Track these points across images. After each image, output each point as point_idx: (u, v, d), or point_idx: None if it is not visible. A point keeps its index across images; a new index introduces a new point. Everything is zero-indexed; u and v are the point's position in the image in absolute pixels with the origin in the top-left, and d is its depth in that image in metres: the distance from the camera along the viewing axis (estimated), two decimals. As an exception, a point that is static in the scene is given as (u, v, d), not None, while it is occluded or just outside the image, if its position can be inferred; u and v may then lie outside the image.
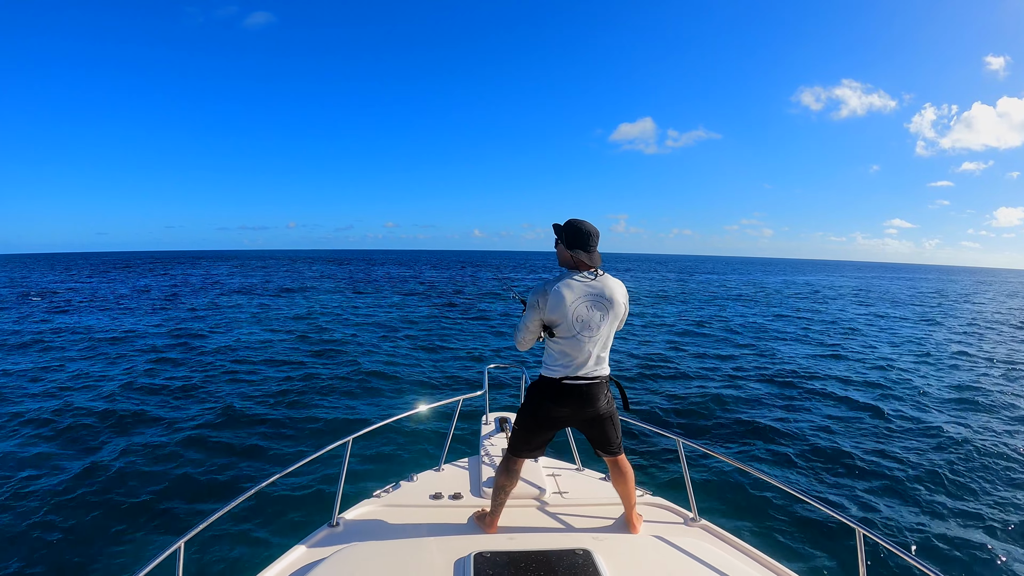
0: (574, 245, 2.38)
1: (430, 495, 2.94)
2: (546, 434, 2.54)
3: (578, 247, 2.37)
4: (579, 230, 2.38)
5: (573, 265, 2.40)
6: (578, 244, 2.38)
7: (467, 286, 36.63)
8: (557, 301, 2.30)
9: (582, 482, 3.19)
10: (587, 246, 2.38)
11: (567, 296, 2.30)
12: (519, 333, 2.48)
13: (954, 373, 13.77)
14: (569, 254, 2.39)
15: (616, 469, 2.61)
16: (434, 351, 14.64)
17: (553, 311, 2.32)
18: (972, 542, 5.51)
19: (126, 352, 13.71)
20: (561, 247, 2.43)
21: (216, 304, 24.87)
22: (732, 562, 2.22)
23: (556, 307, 2.31)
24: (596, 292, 2.34)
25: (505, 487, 2.56)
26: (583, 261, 2.37)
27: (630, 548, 2.32)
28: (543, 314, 2.35)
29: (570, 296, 2.30)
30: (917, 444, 8.41)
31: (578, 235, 2.38)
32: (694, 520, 2.79)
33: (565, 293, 2.31)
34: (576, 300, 2.31)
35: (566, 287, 2.32)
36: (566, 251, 2.40)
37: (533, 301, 2.37)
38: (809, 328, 21.47)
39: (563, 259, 2.44)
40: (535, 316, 2.38)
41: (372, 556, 2.18)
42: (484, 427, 3.87)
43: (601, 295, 2.35)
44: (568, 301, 2.30)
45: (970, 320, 26.73)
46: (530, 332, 2.44)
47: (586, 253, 2.37)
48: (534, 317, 2.39)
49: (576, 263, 2.39)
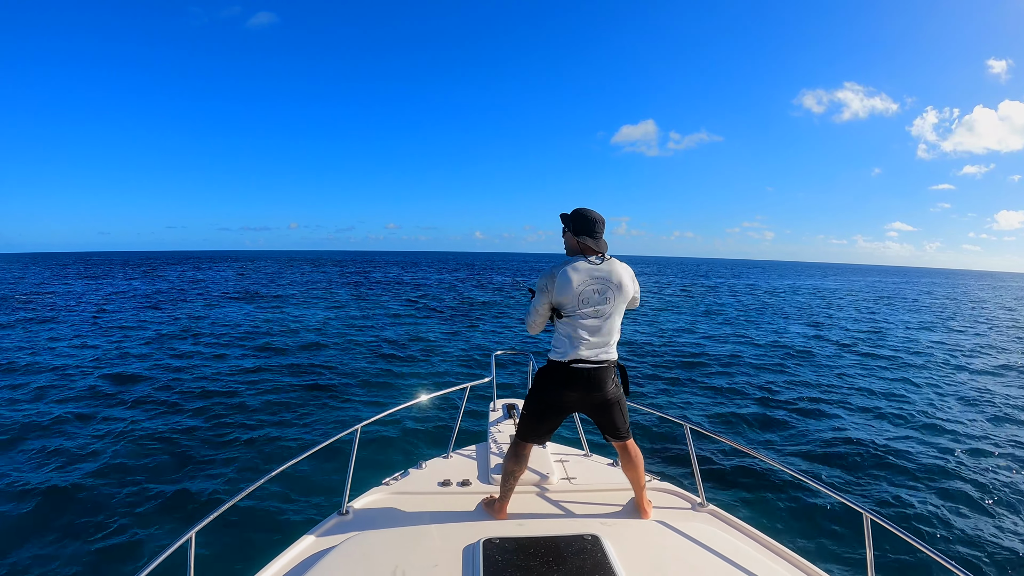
0: (580, 232, 2.42)
1: (439, 482, 2.95)
2: (554, 419, 2.56)
3: (584, 233, 2.41)
4: (585, 217, 2.43)
5: (580, 252, 2.44)
6: (584, 230, 2.41)
7: (470, 288, 36.69)
8: (564, 283, 2.35)
9: (590, 468, 3.20)
10: (593, 232, 2.42)
11: (574, 279, 2.35)
12: (529, 317, 2.53)
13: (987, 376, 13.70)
14: (576, 241, 2.44)
15: (625, 454, 2.63)
16: (442, 340, 14.68)
17: (560, 293, 2.36)
18: (981, 530, 5.51)
19: (134, 343, 13.84)
20: (568, 235, 2.48)
21: (225, 296, 25.02)
22: (740, 547, 2.23)
23: (563, 289, 2.35)
24: (603, 275, 2.38)
25: (514, 472, 2.58)
26: (590, 247, 2.41)
27: (638, 533, 2.33)
28: (551, 296, 2.40)
29: (576, 279, 2.35)
30: (935, 439, 8.39)
31: (584, 222, 2.42)
32: (702, 505, 2.80)
33: (572, 276, 2.35)
34: (582, 283, 2.35)
35: (573, 270, 2.36)
36: (573, 238, 2.45)
37: (542, 284, 2.42)
38: (819, 322, 21.40)
39: (571, 247, 2.48)
40: (544, 299, 2.43)
41: (382, 544, 2.19)
42: (492, 414, 3.88)
43: (608, 279, 2.38)
44: (575, 283, 2.34)
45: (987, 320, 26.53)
46: (540, 315, 2.49)
47: (592, 239, 2.41)
48: (543, 300, 2.44)
49: (583, 249, 2.43)
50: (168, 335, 15.10)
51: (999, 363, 14.21)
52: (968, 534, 5.38)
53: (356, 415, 8.39)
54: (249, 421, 8.02)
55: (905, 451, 7.39)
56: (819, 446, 7.56)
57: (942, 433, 8.29)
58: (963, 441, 7.92)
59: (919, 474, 6.71)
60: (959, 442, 7.88)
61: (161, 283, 34.37)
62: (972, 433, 8.31)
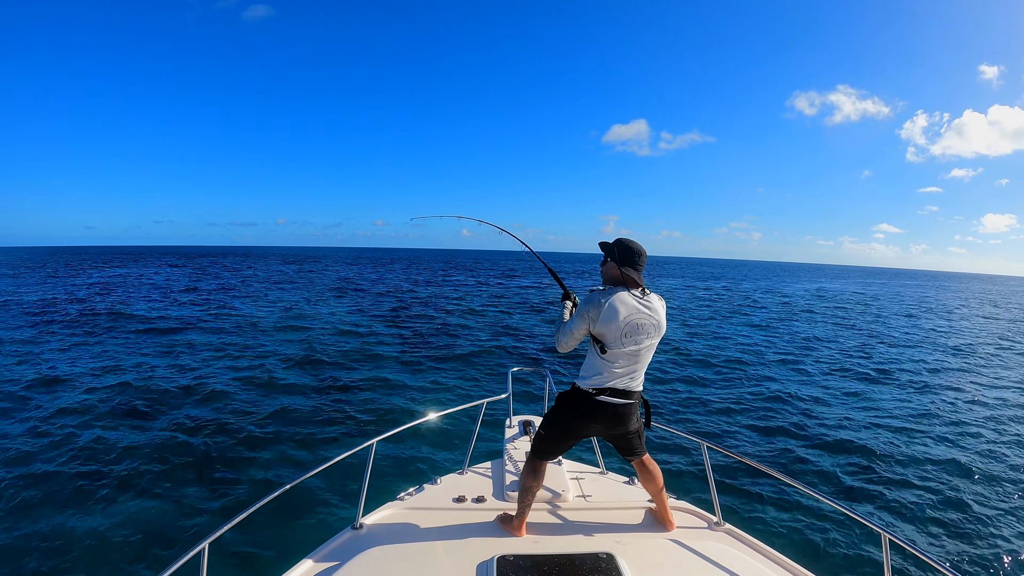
0: (626, 263, 2.42)
1: (453, 498, 2.95)
2: (572, 443, 2.59)
3: (629, 265, 2.42)
4: (631, 249, 2.43)
5: (622, 282, 2.43)
6: (629, 262, 2.42)
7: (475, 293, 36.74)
8: (610, 315, 2.32)
9: (605, 486, 3.19)
10: (637, 264, 2.42)
11: (621, 312, 2.32)
12: (563, 337, 2.47)
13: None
14: (620, 271, 2.43)
15: (643, 468, 2.65)
16: (458, 358, 14.68)
17: (604, 324, 2.33)
18: (1000, 553, 5.35)
19: (148, 349, 14.02)
20: (611, 264, 2.47)
21: (236, 302, 25.29)
22: (756, 566, 2.20)
23: (608, 321, 2.32)
24: (647, 312, 2.37)
25: (532, 488, 2.59)
26: (633, 279, 2.41)
27: (654, 552, 2.31)
28: (593, 326, 2.36)
29: (624, 312, 2.33)
30: (965, 460, 8.20)
31: (630, 253, 2.43)
32: (718, 524, 2.77)
33: (620, 308, 2.32)
34: (628, 317, 2.33)
35: (621, 303, 2.33)
36: (616, 268, 2.44)
37: (584, 311, 2.38)
38: (819, 326, 21.07)
39: (612, 276, 2.47)
40: (583, 325, 2.40)
41: (395, 559, 2.20)
42: (508, 430, 3.88)
43: (652, 315, 2.38)
44: (621, 316, 2.32)
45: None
46: (574, 339, 2.46)
47: (636, 271, 2.42)
48: (582, 326, 2.40)
49: (626, 280, 2.42)
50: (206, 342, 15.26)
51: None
52: (989, 557, 5.23)
53: (371, 429, 8.41)
54: (264, 433, 8.08)
55: (929, 472, 7.21)
56: (838, 466, 7.40)
57: (974, 454, 8.08)
58: (998, 463, 7.71)
59: (943, 496, 6.54)
60: (992, 463, 7.67)
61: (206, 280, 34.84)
62: (1010, 458, 8.09)
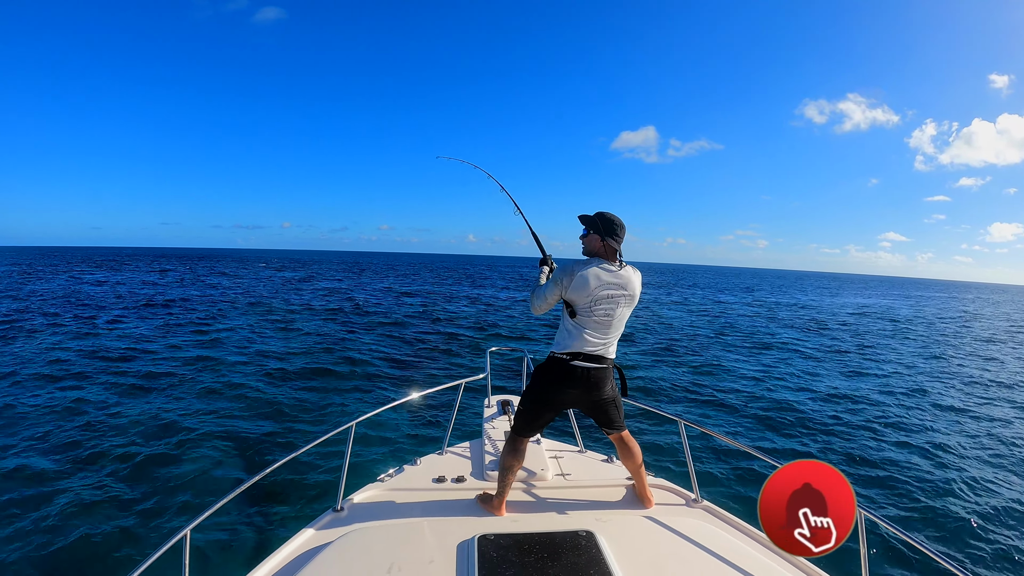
0: (609, 234, 2.49)
1: (433, 479, 2.95)
2: (550, 415, 2.60)
3: (611, 236, 2.49)
4: (611, 221, 2.51)
5: (603, 253, 2.50)
6: (611, 234, 2.49)
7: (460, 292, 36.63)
8: (581, 284, 2.42)
9: (584, 464, 3.21)
10: (617, 236, 2.50)
11: (591, 282, 2.42)
12: (538, 300, 2.59)
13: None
14: (602, 243, 2.50)
15: (622, 444, 2.69)
16: (434, 337, 14.66)
17: (574, 292, 2.43)
18: (971, 524, 5.56)
19: (143, 342, 13.76)
20: (593, 236, 2.53)
21: (221, 296, 24.92)
22: (734, 543, 2.24)
23: (578, 289, 2.42)
24: (620, 282, 2.46)
25: (512, 467, 2.60)
26: (613, 249, 2.49)
27: (632, 529, 2.34)
28: (564, 293, 2.47)
29: (594, 282, 2.42)
30: (939, 439, 8.45)
31: (612, 226, 2.50)
32: (696, 501, 2.81)
33: (590, 278, 2.42)
34: (598, 287, 2.42)
35: (593, 275, 2.43)
36: (598, 240, 2.51)
37: (558, 277, 2.48)
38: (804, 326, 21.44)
39: (593, 248, 2.53)
40: (556, 291, 2.50)
41: (376, 540, 2.19)
42: (487, 410, 3.88)
43: (624, 286, 2.47)
44: (591, 286, 2.41)
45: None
46: (547, 303, 2.56)
47: (616, 242, 2.50)
48: (555, 291, 2.50)
49: (607, 251, 2.50)
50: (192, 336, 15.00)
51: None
52: (961, 530, 5.44)
53: (350, 412, 8.38)
54: (243, 418, 8.00)
55: (904, 454, 7.44)
56: (814, 442, 7.60)
57: (946, 436, 8.35)
58: (968, 437, 7.99)
59: (913, 475, 6.77)
60: (967, 442, 7.94)
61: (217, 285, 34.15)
62: (973, 431, 8.38)
